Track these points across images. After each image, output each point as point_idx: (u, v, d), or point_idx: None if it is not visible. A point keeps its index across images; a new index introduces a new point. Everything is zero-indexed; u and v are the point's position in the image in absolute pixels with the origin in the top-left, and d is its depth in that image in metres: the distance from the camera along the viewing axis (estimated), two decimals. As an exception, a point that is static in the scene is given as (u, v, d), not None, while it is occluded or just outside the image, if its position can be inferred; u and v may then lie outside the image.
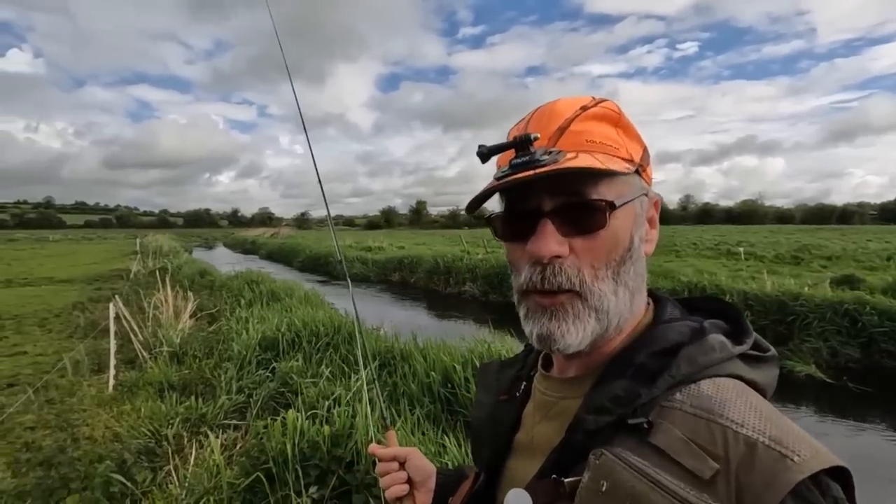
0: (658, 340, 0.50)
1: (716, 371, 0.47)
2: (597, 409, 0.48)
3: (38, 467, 3.41)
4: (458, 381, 4.17)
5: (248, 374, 4.86)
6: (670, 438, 0.43)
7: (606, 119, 0.53)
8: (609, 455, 0.44)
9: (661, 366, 0.48)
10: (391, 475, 0.79)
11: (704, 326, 0.51)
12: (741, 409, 0.43)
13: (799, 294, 7.96)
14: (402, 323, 7.32)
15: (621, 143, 0.52)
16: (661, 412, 0.45)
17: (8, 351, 6.69)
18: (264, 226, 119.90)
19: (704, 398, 0.45)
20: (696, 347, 0.48)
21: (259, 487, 2.69)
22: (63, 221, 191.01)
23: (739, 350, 0.50)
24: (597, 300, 0.49)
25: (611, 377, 0.50)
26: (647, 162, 0.55)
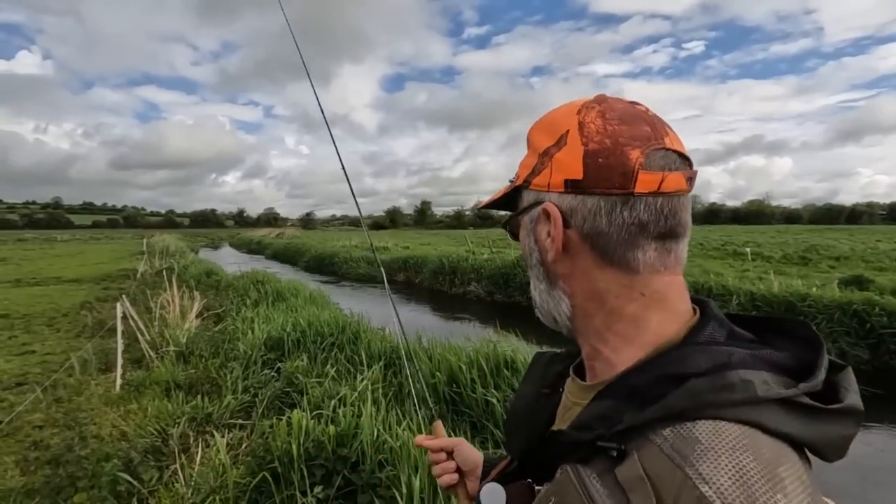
0: (672, 364, 0.45)
1: (727, 413, 0.40)
2: (581, 424, 0.47)
3: (47, 465, 3.44)
4: (464, 381, 4.16)
5: (254, 373, 4.87)
6: (631, 473, 0.40)
7: (528, 139, 0.56)
8: (570, 474, 0.44)
9: (660, 393, 0.43)
10: (441, 465, 0.83)
11: (735, 358, 0.43)
12: (720, 465, 0.37)
13: (807, 295, 7.91)
14: (407, 323, 7.33)
15: (523, 162, 0.56)
16: (641, 444, 0.42)
17: (17, 350, 6.76)
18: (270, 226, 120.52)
19: (689, 441, 0.39)
20: (706, 381, 0.42)
21: (265, 487, 2.70)
22: (71, 222, 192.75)
23: (779, 394, 0.41)
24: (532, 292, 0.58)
25: (606, 394, 0.48)
26: (543, 166, 0.52)
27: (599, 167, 0.48)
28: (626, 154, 0.47)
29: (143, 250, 23.50)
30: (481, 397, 3.94)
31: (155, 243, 27.43)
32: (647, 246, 0.48)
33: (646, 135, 0.48)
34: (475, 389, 4.02)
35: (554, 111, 0.55)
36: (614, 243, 0.48)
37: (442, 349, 4.92)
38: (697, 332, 0.48)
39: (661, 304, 0.49)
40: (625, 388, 0.46)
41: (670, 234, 0.49)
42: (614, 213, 0.48)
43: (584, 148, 0.49)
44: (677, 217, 0.49)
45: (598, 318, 0.51)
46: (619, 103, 0.51)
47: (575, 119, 0.51)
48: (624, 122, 0.49)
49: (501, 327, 6.12)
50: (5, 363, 6.10)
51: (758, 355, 0.44)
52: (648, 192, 0.47)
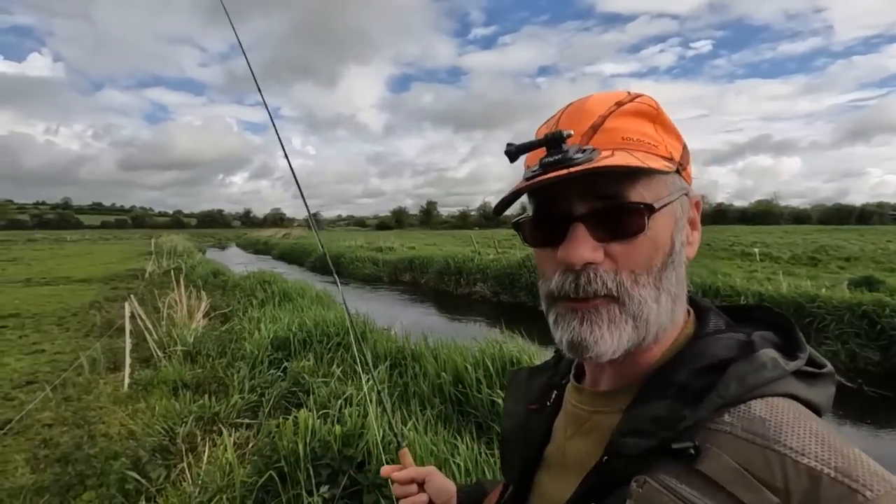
0: (703, 355, 0.46)
1: (769, 390, 0.42)
2: (637, 430, 0.44)
3: (56, 463, 3.48)
4: (470, 381, 4.16)
5: (261, 373, 4.90)
6: (721, 466, 0.39)
7: (644, 115, 0.49)
8: (653, 483, 0.41)
9: (706, 384, 0.43)
10: (412, 499, 0.76)
11: (753, 340, 0.46)
12: (800, 435, 0.39)
13: (816, 296, 7.83)
14: (412, 323, 7.33)
15: (660, 140, 0.49)
16: (709, 436, 0.41)
17: (27, 349, 6.83)
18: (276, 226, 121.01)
19: (757, 421, 0.40)
20: (745, 364, 0.43)
21: (271, 486, 2.71)
22: (80, 222, 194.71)
23: (794, 366, 0.44)
24: (636, 306, 0.45)
25: (651, 396, 0.45)
26: (688, 160, 0.51)
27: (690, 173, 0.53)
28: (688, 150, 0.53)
29: (150, 250, 23.68)
30: (487, 397, 3.93)
31: (163, 243, 27.63)
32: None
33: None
34: (481, 390, 4.02)
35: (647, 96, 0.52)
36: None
37: (448, 349, 4.92)
38: (706, 324, 0.50)
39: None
40: (671, 386, 0.45)
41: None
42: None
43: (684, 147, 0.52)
44: None
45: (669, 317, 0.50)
46: None
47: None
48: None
49: (507, 328, 6.11)
50: (16, 362, 6.17)
51: (762, 336, 0.47)
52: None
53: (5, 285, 14.09)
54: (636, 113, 0.49)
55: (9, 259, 24.80)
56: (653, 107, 0.50)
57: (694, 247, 0.52)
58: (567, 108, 0.52)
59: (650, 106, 0.50)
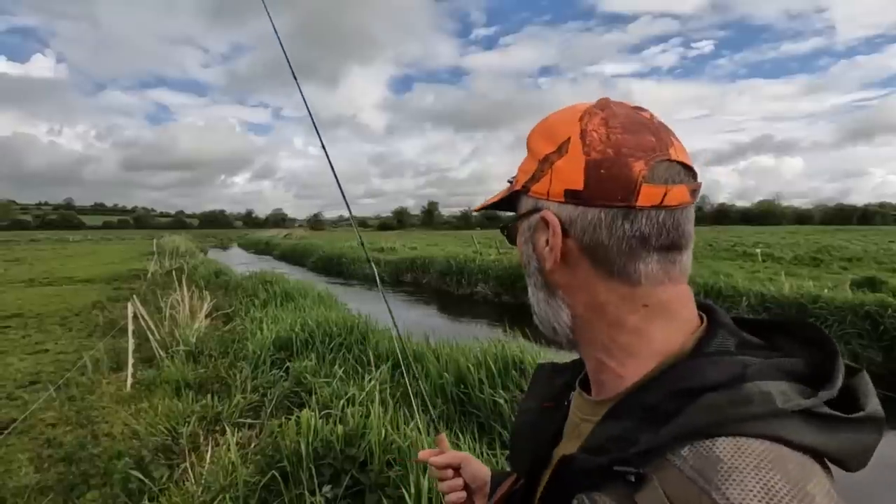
0: (685, 378, 0.43)
1: (747, 429, 0.38)
2: (592, 447, 0.45)
3: (60, 463, 3.49)
4: (472, 382, 4.16)
5: (263, 373, 4.91)
6: (653, 499, 0.38)
7: (528, 142, 0.55)
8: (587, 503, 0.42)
9: (675, 409, 0.41)
10: (448, 483, 0.80)
11: (750, 369, 0.42)
12: (747, 486, 0.35)
13: (818, 296, 7.82)
14: (414, 323, 7.34)
15: (521, 167, 0.55)
16: (660, 466, 0.40)
17: (31, 349, 6.86)
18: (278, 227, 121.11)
19: (711, 460, 0.37)
20: (723, 395, 0.40)
21: (274, 486, 2.72)
22: (83, 222, 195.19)
23: (798, 405, 0.39)
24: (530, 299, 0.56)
25: (619, 413, 0.46)
26: (543, 173, 0.51)
27: (601, 178, 0.46)
28: (630, 166, 0.45)
29: (153, 251, 23.72)
30: (489, 398, 3.94)
31: (165, 244, 27.68)
32: (649, 258, 0.47)
33: (650, 145, 0.46)
34: (483, 390, 4.02)
35: (555, 115, 0.53)
36: (614, 255, 0.47)
37: (450, 350, 4.92)
38: (706, 342, 0.46)
39: (665, 315, 0.48)
40: (638, 407, 0.44)
41: (673, 247, 0.47)
42: (615, 225, 0.46)
43: (585, 158, 0.47)
44: (680, 229, 0.47)
45: (601, 329, 0.50)
46: (623, 109, 0.49)
47: (577, 126, 0.49)
48: (627, 131, 0.47)
49: (509, 328, 6.11)
50: (19, 362, 6.19)
51: (773, 364, 0.43)
52: (651, 205, 0.45)
53: (8, 285, 14.13)
54: (528, 141, 0.55)
55: (12, 259, 24.88)
56: (537, 128, 0.54)
57: (548, 260, 0.51)
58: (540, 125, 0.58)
59: (535, 129, 0.55)
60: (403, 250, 22.85)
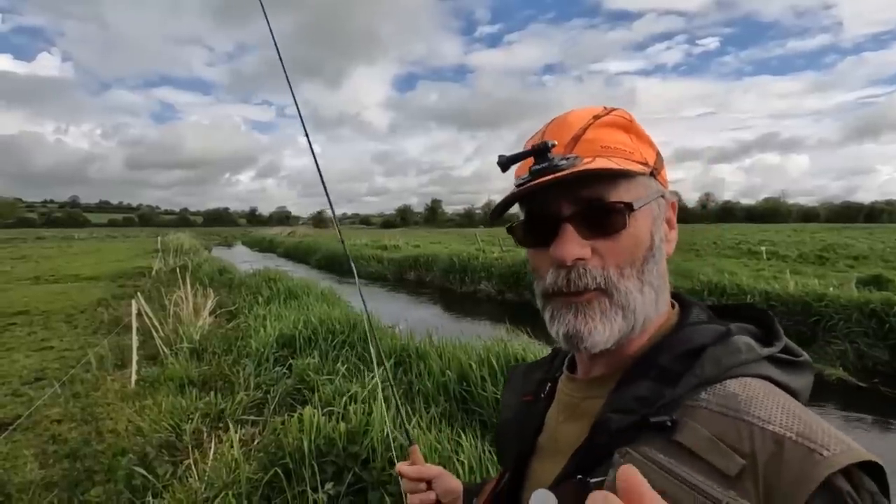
0: (683, 342, 0.51)
1: (742, 371, 0.47)
2: (620, 408, 0.48)
3: (65, 459, 3.51)
4: (475, 379, 4.16)
5: (266, 370, 4.92)
6: (696, 436, 0.43)
7: (618, 126, 0.55)
8: (634, 453, 0.45)
9: (685, 367, 0.48)
10: (420, 496, 0.80)
11: (730, 329, 0.51)
12: (768, 407, 0.43)
13: (824, 294, 7.76)
14: (417, 321, 7.34)
15: (635, 147, 0.54)
16: (687, 411, 0.45)
17: (36, 346, 6.91)
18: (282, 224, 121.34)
19: (730, 396, 0.45)
20: (720, 348, 0.49)
21: (276, 483, 2.72)
22: (88, 220, 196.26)
23: (767, 352, 0.49)
24: (623, 298, 0.50)
25: (634, 378, 0.50)
26: (662, 165, 0.57)
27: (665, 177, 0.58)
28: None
29: (157, 248, 23.85)
30: (491, 395, 3.93)
31: (169, 242, 27.79)
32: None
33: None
34: (485, 388, 4.02)
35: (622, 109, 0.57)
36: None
37: (452, 347, 4.92)
38: (687, 316, 0.55)
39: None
40: (651, 370, 0.50)
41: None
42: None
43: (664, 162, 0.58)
44: None
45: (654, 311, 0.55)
46: None
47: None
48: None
49: (512, 326, 6.10)
50: (25, 358, 6.24)
51: (739, 326, 0.53)
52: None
53: (15, 283, 14.24)
54: (612, 124, 0.54)
55: (18, 257, 25.05)
56: (627, 118, 0.56)
57: (671, 244, 0.57)
58: (550, 122, 0.58)
59: (624, 118, 0.56)
60: (407, 248, 22.84)
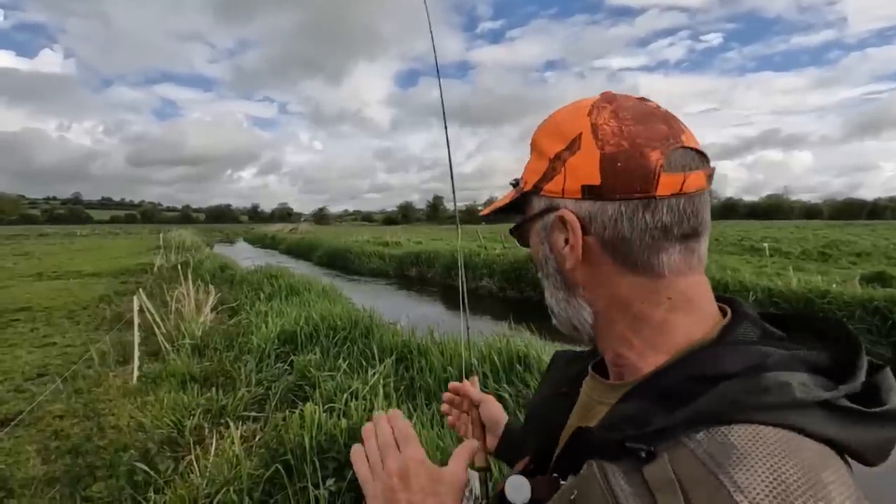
0: (703, 364, 0.44)
1: (764, 417, 0.39)
2: (609, 425, 0.46)
3: (67, 455, 3.51)
4: (477, 376, 4.15)
5: (267, 366, 4.92)
6: (661, 474, 0.39)
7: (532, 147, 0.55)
8: (595, 469, 0.43)
9: (691, 394, 0.42)
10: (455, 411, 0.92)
11: (771, 359, 0.42)
12: (758, 473, 0.35)
13: (827, 291, 7.74)
14: (419, 317, 7.34)
15: (528, 167, 0.55)
16: (673, 446, 0.40)
17: (39, 342, 6.92)
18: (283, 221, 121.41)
19: (724, 447, 0.38)
20: (740, 382, 0.40)
21: (277, 479, 2.72)
22: (90, 217, 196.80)
23: (819, 396, 0.39)
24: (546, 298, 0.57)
25: (635, 395, 0.47)
26: (553, 175, 0.50)
27: (618, 171, 0.46)
28: (646, 156, 0.45)
29: (159, 245, 23.87)
30: (494, 392, 3.93)
31: (171, 238, 27.80)
32: (671, 248, 0.47)
33: (663, 134, 0.47)
34: (487, 384, 4.01)
35: (560, 112, 0.53)
36: (637, 248, 0.47)
37: (454, 344, 4.91)
38: (729, 332, 0.47)
39: (689, 307, 0.48)
40: (654, 390, 0.45)
41: (693, 234, 0.48)
42: (636, 217, 0.46)
43: (600, 152, 0.47)
44: (699, 216, 0.48)
45: (623, 324, 0.50)
46: (629, 101, 0.50)
47: (586, 121, 0.49)
48: (639, 122, 0.47)
49: (514, 322, 6.10)
50: (27, 354, 6.25)
51: (795, 355, 0.43)
52: (671, 193, 0.45)
53: (17, 279, 14.27)
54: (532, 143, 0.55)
55: (21, 254, 25.11)
56: (535, 134, 0.55)
57: (569, 259, 0.50)
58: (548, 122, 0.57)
59: (535, 135, 0.55)
60: (409, 244, 22.85)
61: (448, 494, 0.53)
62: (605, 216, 0.47)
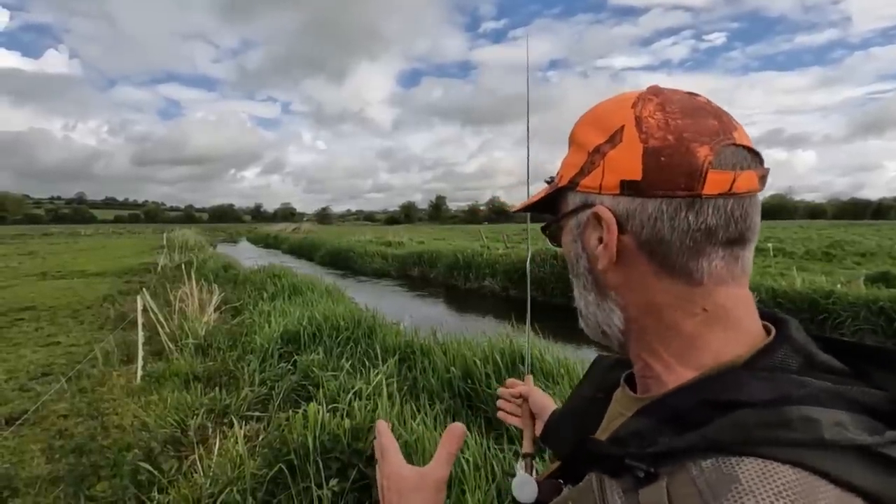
0: (722, 389, 0.40)
1: (783, 454, 0.34)
2: (615, 439, 0.44)
3: (71, 454, 3.52)
4: (479, 376, 4.15)
5: (271, 366, 4.93)
6: (654, 497, 0.37)
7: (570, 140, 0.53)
8: (594, 482, 0.42)
9: (703, 419, 0.38)
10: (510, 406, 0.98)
11: (797, 391, 0.37)
12: None
13: (831, 291, 7.70)
14: (422, 318, 7.34)
15: (565, 161, 0.53)
16: (675, 470, 0.37)
17: (43, 341, 6.95)
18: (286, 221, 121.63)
19: (728, 479, 0.34)
20: (756, 413, 0.36)
21: (281, 479, 2.72)
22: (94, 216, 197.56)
23: (854, 440, 0.34)
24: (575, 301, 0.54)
25: (647, 412, 0.44)
26: (594, 165, 0.47)
27: (662, 167, 0.42)
28: (693, 151, 0.42)
29: (163, 244, 23.92)
30: (496, 392, 3.92)
31: (174, 238, 27.88)
32: (714, 254, 0.43)
33: (713, 129, 0.43)
34: (490, 385, 4.01)
35: (603, 104, 0.50)
36: (676, 251, 0.43)
37: (457, 344, 4.91)
38: (764, 357, 0.42)
39: (726, 322, 0.44)
40: (666, 409, 0.42)
41: (739, 240, 0.44)
42: (678, 217, 0.43)
43: (643, 145, 0.43)
44: (748, 220, 0.44)
45: (654, 333, 0.47)
46: (678, 94, 0.46)
47: (630, 113, 0.45)
48: (687, 116, 0.44)
49: (516, 323, 6.09)
50: (32, 353, 6.28)
51: (838, 391, 0.37)
52: (718, 193, 0.42)
53: (22, 279, 14.34)
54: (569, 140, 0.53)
55: (25, 253, 25.23)
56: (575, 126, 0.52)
57: (600, 259, 0.47)
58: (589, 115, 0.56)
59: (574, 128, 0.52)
60: (411, 244, 22.85)
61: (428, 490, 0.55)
62: (644, 214, 0.44)
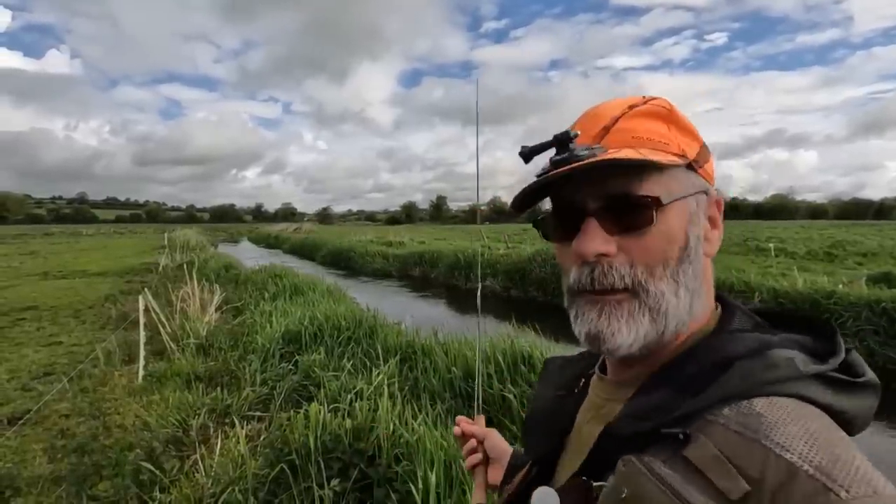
0: (715, 351, 0.46)
1: (777, 389, 0.42)
2: (634, 416, 0.46)
3: (73, 454, 3.53)
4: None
5: (272, 366, 4.93)
6: (704, 453, 0.40)
7: (656, 116, 0.52)
8: (636, 463, 0.42)
9: (710, 378, 0.44)
10: (468, 447, 0.90)
11: (772, 340, 0.46)
12: (791, 432, 0.39)
13: (833, 292, 7.68)
14: (423, 318, 7.34)
15: (672, 138, 0.50)
16: (703, 426, 0.42)
17: (45, 341, 6.96)
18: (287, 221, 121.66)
19: (753, 416, 0.40)
20: (753, 361, 0.44)
21: (282, 479, 2.73)
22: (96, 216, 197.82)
23: (815, 370, 0.44)
24: (653, 300, 0.47)
25: (655, 385, 0.47)
26: (707, 158, 0.53)
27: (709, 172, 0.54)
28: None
29: (164, 244, 23.93)
30: (498, 393, 3.92)
31: (176, 238, 27.89)
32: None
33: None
34: (491, 385, 4.00)
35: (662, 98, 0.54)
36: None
37: (458, 344, 4.91)
38: (728, 322, 0.50)
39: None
40: (675, 378, 0.46)
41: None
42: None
43: (711, 155, 0.54)
44: None
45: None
46: None
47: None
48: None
49: (517, 323, 6.09)
50: (34, 353, 6.29)
51: (787, 338, 0.47)
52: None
53: (24, 278, 14.36)
54: (648, 114, 0.51)
55: (27, 253, 25.27)
56: (666, 108, 0.52)
57: (713, 244, 0.53)
58: (584, 113, 0.55)
59: (663, 107, 0.52)
60: (412, 244, 22.84)
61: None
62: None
